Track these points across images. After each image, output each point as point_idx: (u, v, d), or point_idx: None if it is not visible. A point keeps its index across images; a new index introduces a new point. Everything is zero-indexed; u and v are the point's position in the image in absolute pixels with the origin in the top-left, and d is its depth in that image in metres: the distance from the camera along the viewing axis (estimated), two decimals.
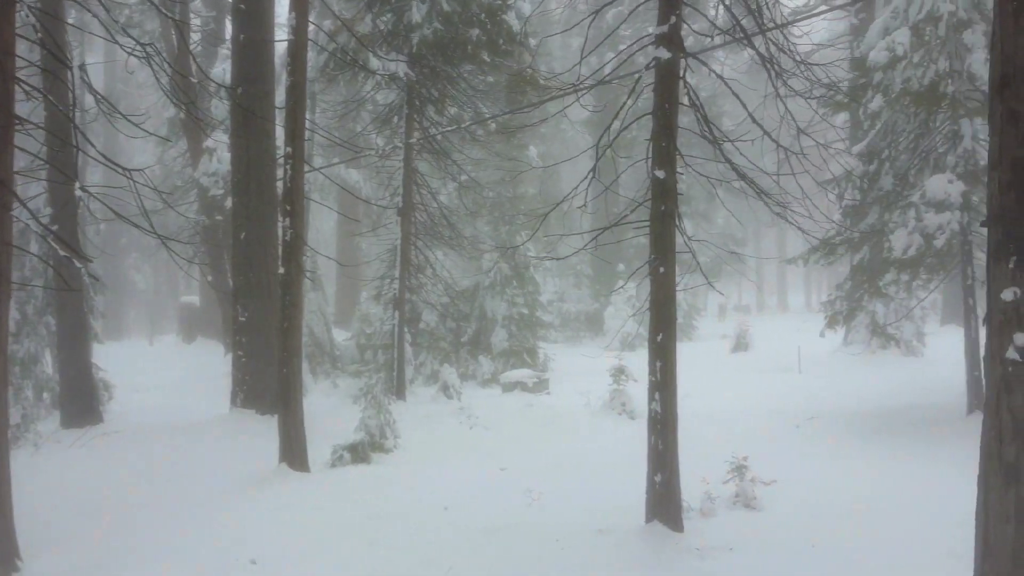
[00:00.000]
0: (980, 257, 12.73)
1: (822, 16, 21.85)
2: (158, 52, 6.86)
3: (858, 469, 9.34)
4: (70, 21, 17.18)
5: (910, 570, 6.33)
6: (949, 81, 11.86)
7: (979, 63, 11.79)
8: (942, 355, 18.79)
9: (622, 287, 11.93)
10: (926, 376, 15.99)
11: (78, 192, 6.19)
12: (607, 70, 9.16)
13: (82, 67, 6.32)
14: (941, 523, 7.28)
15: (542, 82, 13.49)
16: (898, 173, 12.72)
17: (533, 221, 19.71)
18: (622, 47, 26.21)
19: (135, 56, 6.30)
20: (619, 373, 13.75)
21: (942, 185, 11.46)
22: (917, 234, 11.45)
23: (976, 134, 12.05)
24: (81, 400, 12.97)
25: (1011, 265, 4.31)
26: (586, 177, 7.55)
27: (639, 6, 9.83)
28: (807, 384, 16.16)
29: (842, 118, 21.31)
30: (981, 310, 12.92)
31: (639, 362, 13.80)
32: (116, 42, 6.75)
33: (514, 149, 18.35)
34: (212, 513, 8.14)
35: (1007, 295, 4.32)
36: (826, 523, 7.34)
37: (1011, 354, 4.30)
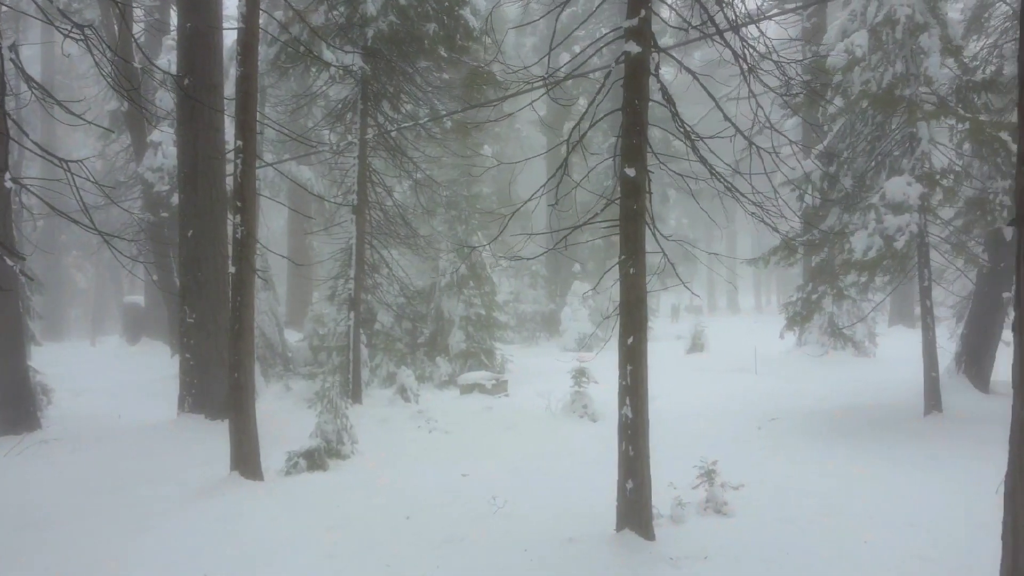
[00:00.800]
0: (936, 259, 12.90)
1: (782, 16, 22.04)
2: (99, 37, 6.41)
3: (823, 471, 9.30)
4: (4, 5, 16.33)
5: (883, 575, 6.24)
6: (906, 84, 11.97)
7: (935, 67, 11.93)
8: (892, 355, 19.17)
9: (592, 292, 11.69)
10: (880, 376, 16.19)
11: (9, 184, 5.70)
12: (566, 70, 8.97)
13: (13, 47, 5.84)
14: (908, 526, 7.26)
15: (503, 78, 13.23)
16: (856, 175, 12.80)
17: (489, 219, 19.50)
18: (576, 47, 26.23)
19: (72, 38, 5.83)
20: (580, 375, 13.54)
21: (901, 187, 11.55)
22: (877, 236, 11.51)
23: (933, 137, 12.18)
24: (17, 405, 12.31)
25: None
26: (554, 174, 7.32)
27: (599, 5, 9.68)
28: (765, 385, 16.21)
29: (792, 123, 21.57)
30: (937, 311, 13.17)
31: (597, 364, 13.67)
32: (52, 24, 6.27)
33: (470, 148, 18.07)
34: (160, 525, 7.70)
35: None
36: (797, 528, 7.23)
37: None
